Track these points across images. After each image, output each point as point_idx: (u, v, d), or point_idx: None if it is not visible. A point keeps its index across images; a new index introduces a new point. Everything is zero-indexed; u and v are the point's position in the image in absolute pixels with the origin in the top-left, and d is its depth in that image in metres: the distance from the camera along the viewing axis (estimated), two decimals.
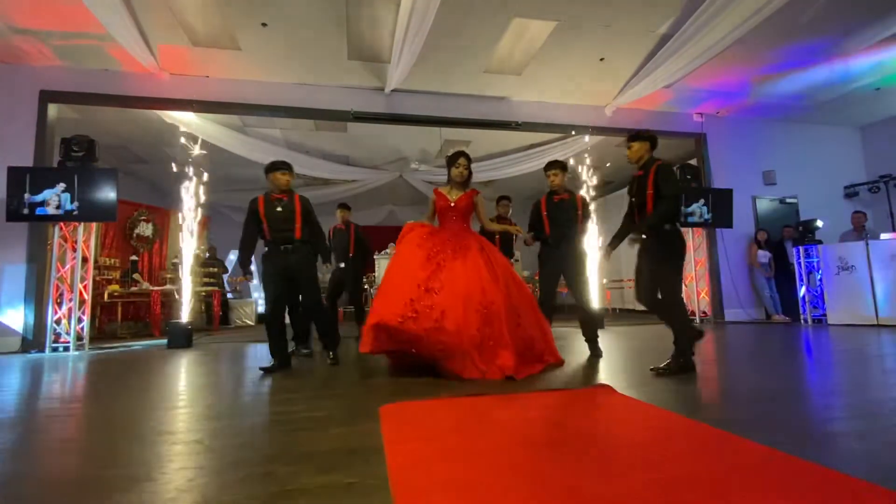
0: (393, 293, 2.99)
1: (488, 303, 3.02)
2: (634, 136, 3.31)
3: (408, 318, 2.83)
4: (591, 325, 3.81)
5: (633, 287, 3.26)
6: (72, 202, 5.06)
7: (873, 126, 8.32)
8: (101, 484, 1.38)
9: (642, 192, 3.11)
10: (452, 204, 3.41)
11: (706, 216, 6.91)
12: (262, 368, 3.38)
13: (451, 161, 3.44)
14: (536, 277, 4.13)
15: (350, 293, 5.65)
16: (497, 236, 4.87)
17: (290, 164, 3.73)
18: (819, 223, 6.73)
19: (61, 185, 5.05)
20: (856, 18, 5.15)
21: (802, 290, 6.66)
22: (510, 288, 3.21)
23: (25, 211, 4.97)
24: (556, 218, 3.83)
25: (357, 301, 5.79)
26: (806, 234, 6.76)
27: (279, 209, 3.56)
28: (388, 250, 9.95)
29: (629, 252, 4.09)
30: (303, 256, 3.58)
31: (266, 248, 3.59)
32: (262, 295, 12.40)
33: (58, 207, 5.03)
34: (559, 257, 3.81)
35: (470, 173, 3.47)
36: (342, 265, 5.38)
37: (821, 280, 6.49)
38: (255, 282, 12.10)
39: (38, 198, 4.99)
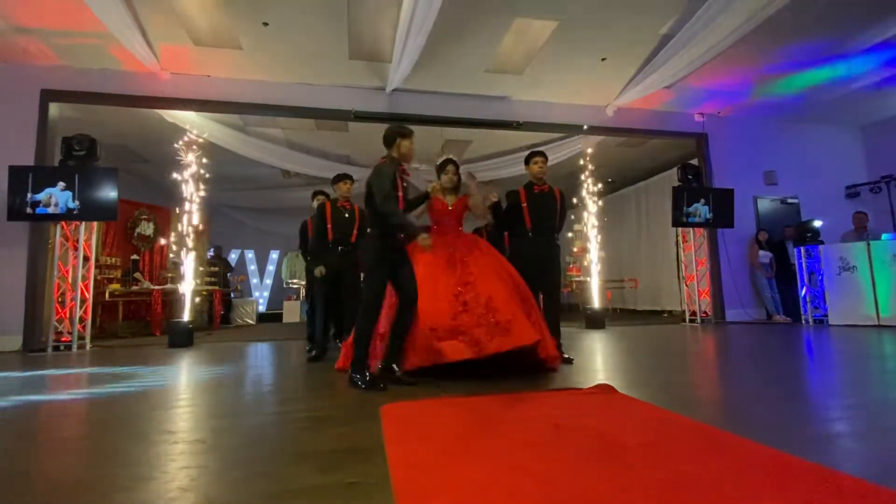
0: (432, 297, 3.02)
1: (518, 283, 3.31)
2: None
3: (458, 312, 2.96)
4: (557, 327, 3.62)
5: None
6: (73, 201, 5.07)
7: (875, 126, 8.31)
8: (102, 483, 1.38)
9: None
10: (450, 208, 3.61)
11: (707, 216, 6.91)
12: (309, 359, 3.91)
13: (441, 168, 3.63)
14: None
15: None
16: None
17: (351, 175, 4.48)
18: (817, 223, 6.73)
19: (61, 184, 5.07)
20: (857, 18, 5.14)
21: (803, 291, 6.66)
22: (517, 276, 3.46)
23: (28, 210, 4.98)
24: (536, 210, 3.66)
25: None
26: (804, 234, 6.76)
27: (346, 215, 4.27)
28: None
29: (630, 252, 4.08)
30: (354, 259, 4.13)
31: (320, 248, 4.23)
32: (262, 295, 12.40)
33: (56, 206, 5.05)
34: (538, 252, 3.63)
35: (459, 178, 3.64)
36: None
37: (822, 280, 6.48)
38: (255, 280, 12.21)
39: (39, 196, 5.00)
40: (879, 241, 5.97)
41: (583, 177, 7.42)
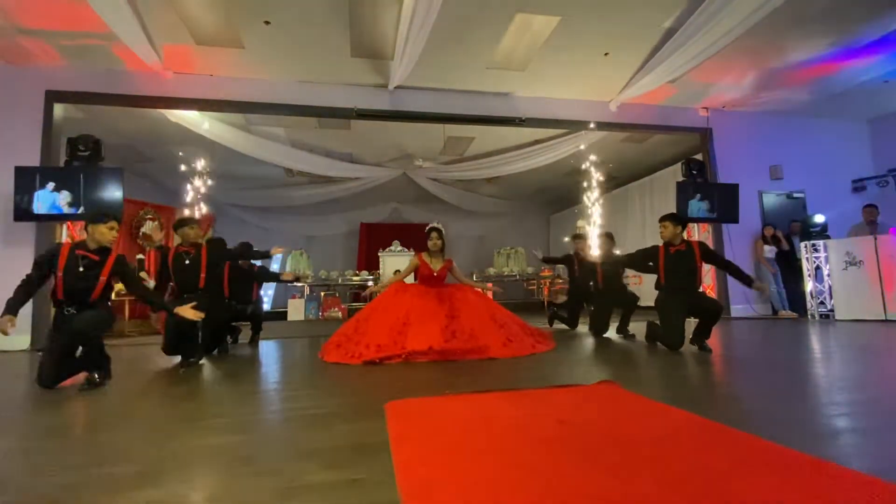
0: (427, 324, 3.76)
1: (494, 311, 4.09)
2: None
3: (450, 338, 3.70)
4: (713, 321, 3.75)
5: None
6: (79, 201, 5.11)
7: (881, 119, 8.23)
8: (104, 483, 1.39)
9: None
10: (435, 274, 4.19)
11: (708, 209, 6.88)
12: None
13: (427, 235, 4.23)
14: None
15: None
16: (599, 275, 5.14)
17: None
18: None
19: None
20: (863, 10, 5.09)
21: (809, 286, 6.61)
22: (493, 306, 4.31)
23: (35, 210, 5.02)
24: (672, 269, 3.83)
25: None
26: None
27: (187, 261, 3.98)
28: (391, 248, 10.24)
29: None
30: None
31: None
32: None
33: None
34: (680, 299, 3.79)
35: (443, 244, 4.25)
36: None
37: (828, 275, 6.43)
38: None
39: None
40: (887, 235, 5.92)
41: (583, 175, 7.40)
